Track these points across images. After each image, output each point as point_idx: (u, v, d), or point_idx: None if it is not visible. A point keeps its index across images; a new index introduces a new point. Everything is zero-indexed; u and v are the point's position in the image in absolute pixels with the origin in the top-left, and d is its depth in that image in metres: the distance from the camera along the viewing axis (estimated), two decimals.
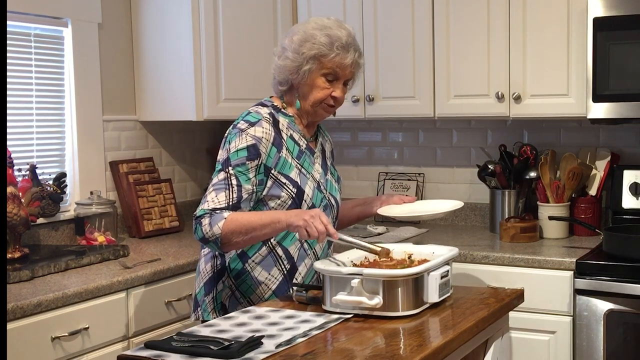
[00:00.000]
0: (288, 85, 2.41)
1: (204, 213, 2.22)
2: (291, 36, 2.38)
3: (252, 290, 2.37)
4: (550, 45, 3.11)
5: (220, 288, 2.38)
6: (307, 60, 2.33)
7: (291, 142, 2.38)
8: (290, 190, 2.33)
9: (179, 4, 3.52)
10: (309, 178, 2.39)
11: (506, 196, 3.39)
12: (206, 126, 4.09)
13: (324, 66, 2.34)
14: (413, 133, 3.84)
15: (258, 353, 1.74)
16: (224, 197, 2.23)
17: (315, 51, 2.32)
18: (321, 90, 2.37)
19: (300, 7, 3.62)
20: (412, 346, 1.82)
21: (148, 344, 1.81)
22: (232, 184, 2.25)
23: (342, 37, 2.34)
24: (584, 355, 2.80)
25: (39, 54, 3.27)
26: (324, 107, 2.40)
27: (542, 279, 2.87)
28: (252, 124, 2.31)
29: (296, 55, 2.34)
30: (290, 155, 2.36)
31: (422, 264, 2.12)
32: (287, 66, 2.36)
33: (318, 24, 2.37)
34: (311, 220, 2.14)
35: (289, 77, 2.38)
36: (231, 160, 2.27)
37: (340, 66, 2.35)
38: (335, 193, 2.51)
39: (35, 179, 3.11)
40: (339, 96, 2.39)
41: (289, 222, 2.17)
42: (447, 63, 3.32)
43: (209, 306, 2.39)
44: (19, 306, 2.31)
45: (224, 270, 2.38)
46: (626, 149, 3.37)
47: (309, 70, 2.34)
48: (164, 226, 3.61)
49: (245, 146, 2.27)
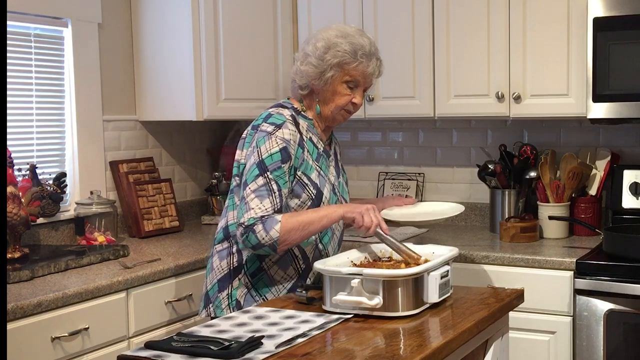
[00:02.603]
0: (308, 90, 2.46)
1: (255, 221, 2.25)
2: (315, 42, 2.42)
3: (268, 289, 2.42)
4: (550, 45, 3.11)
5: (236, 285, 2.43)
6: (330, 67, 2.38)
7: (311, 145, 2.44)
8: (311, 191, 2.38)
9: (179, 4, 3.52)
10: (326, 180, 2.45)
11: (506, 196, 3.39)
12: (206, 126, 4.09)
13: (347, 74, 2.40)
14: (413, 133, 3.84)
15: (258, 353, 1.74)
16: (269, 204, 2.28)
17: (339, 59, 2.38)
18: (342, 96, 2.43)
19: (300, 7, 3.62)
20: (412, 346, 1.82)
21: (148, 344, 1.81)
22: (274, 189, 2.29)
23: (365, 46, 2.40)
24: (584, 355, 2.80)
25: (39, 54, 3.27)
26: (342, 112, 2.47)
27: (542, 279, 2.87)
28: (279, 126, 2.35)
29: (320, 61, 2.39)
30: (310, 157, 2.42)
31: (422, 264, 2.12)
32: (310, 72, 2.41)
33: (341, 32, 2.42)
34: (366, 211, 2.28)
35: (310, 82, 2.43)
36: (267, 164, 2.31)
37: (362, 74, 2.41)
38: (345, 195, 2.58)
39: (35, 179, 3.11)
40: (359, 103, 2.47)
41: (345, 211, 2.31)
42: (447, 63, 3.32)
43: (223, 303, 2.43)
44: (19, 306, 2.31)
45: (240, 267, 2.43)
46: (626, 149, 3.37)
47: (332, 77, 2.40)
48: (164, 226, 3.61)
49: (278, 150, 2.32)
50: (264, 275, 2.41)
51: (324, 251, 2.47)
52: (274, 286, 2.42)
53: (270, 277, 2.42)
